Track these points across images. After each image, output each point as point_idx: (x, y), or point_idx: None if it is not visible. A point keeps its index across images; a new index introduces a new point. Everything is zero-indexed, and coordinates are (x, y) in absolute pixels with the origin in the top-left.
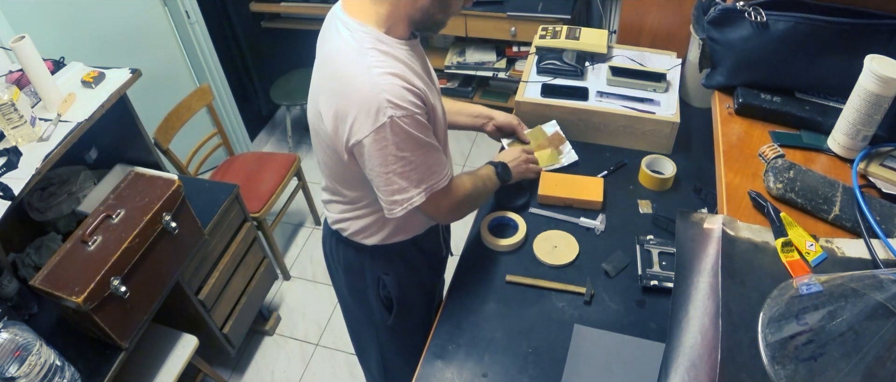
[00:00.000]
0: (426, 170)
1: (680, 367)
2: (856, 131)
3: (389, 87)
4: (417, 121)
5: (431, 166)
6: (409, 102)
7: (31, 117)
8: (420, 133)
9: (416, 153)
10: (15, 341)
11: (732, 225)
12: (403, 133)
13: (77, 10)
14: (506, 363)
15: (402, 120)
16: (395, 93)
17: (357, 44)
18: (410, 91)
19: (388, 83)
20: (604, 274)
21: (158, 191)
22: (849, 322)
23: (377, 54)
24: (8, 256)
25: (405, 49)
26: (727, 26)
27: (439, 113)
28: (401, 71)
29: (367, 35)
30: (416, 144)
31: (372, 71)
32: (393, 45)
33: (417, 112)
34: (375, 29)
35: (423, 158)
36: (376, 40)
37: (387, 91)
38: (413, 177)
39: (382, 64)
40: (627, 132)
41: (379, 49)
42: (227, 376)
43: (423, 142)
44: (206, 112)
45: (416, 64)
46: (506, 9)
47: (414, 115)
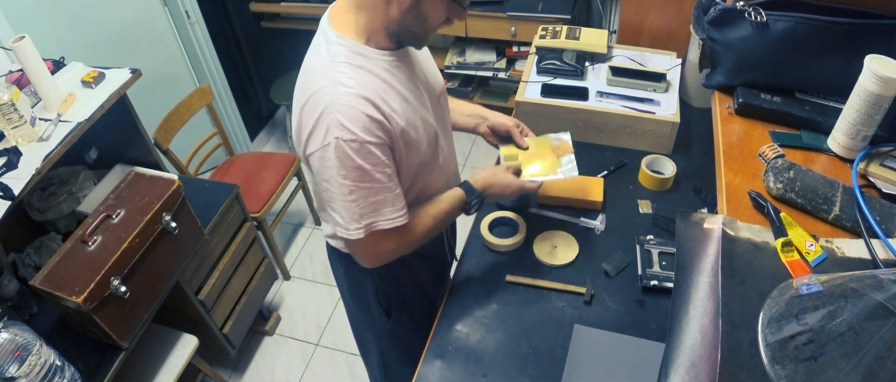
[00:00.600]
0: (368, 206)
1: (680, 367)
2: (856, 131)
3: (345, 109)
4: (368, 151)
5: (375, 204)
6: (363, 128)
7: (31, 117)
8: (367, 164)
9: (359, 185)
10: (15, 341)
11: (732, 225)
12: (347, 159)
13: (77, 10)
14: (506, 363)
15: (348, 144)
16: (349, 115)
17: (330, 57)
18: (370, 117)
19: (346, 103)
20: (604, 274)
21: (158, 191)
22: (849, 322)
23: (348, 69)
24: (8, 256)
25: (387, 61)
26: (727, 26)
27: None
28: (368, 91)
29: (343, 48)
30: (360, 175)
31: (335, 89)
32: (372, 57)
33: (370, 140)
34: (355, 40)
35: (365, 194)
36: (352, 53)
37: (342, 112)
38: (354, 209)
39: (349, 81)
40: (627, 132)
41: (352, 63)
42: (227, 376)
43: (370, 176)
44: (206, 112)
45: (397, 78)
46: (506, 9)
47: (364, 144)
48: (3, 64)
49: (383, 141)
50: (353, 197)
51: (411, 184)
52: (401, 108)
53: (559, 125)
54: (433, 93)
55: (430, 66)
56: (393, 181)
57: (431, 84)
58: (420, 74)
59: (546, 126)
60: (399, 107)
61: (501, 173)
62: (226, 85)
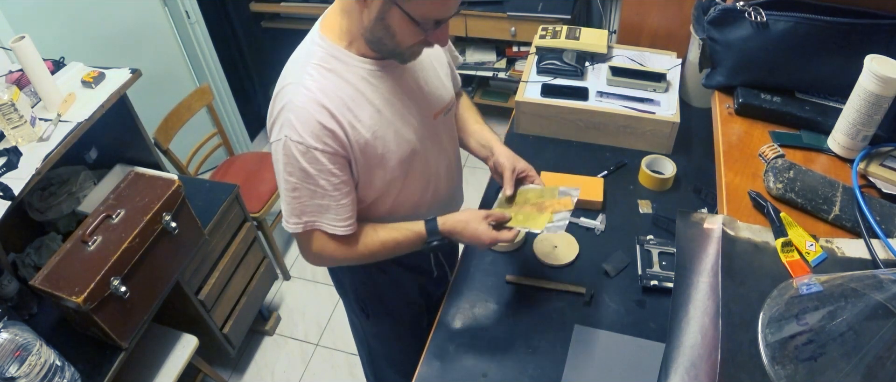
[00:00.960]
0: (310, 206)
1: (680, 367)
2: (856, 131)
3: (300, 111)
4: (313, 157)
5: (318, 207)
6: (311, 134)
7: (31, 117)
8: (312, 169)
9: (303, 185)
10: (15, 341)
11: (732, 225)
12: (292, 158)
13: (77, 10)
14: (506, 363)
15: (295, 145)
16: (301, 118)
17: (306, 57)
18: (321, 125)
19: (301, 106)
20: (604, 274)
21: (158, 191)
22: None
23: (318, 72)
24: (8, 256)
25: (366, 69)
26: (727, 26)
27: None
28: (328, 98)
29: (321, 49)
30: (304, 176)
31: (297, 88)
32: (349, 63)
33: (317, 147)
34: (336, 44)
35: (308, 194)
36: (328, 56)
37: (295, 113)
38: (295, 205)
39: (312, 85)
40: (627, 132)
41: (325, 66)
42: (227, 376)
43: (313, 180)
44: (206, 112)
45: (374, 88)
46: (506, 9)
47: (310, 149)
48: (3, 64)
49: (333, 150)
50: (295, 193)
51: (378, 199)
52: (369, 119)
53: (560, 125)
54: (430, 110)
55: (436, 81)
56: (339, 191)
57: (430, 100)
58: (414, 87)
59: (546, 126)
60: (367, 117)
61: (474, 222)
62: (226, 85)
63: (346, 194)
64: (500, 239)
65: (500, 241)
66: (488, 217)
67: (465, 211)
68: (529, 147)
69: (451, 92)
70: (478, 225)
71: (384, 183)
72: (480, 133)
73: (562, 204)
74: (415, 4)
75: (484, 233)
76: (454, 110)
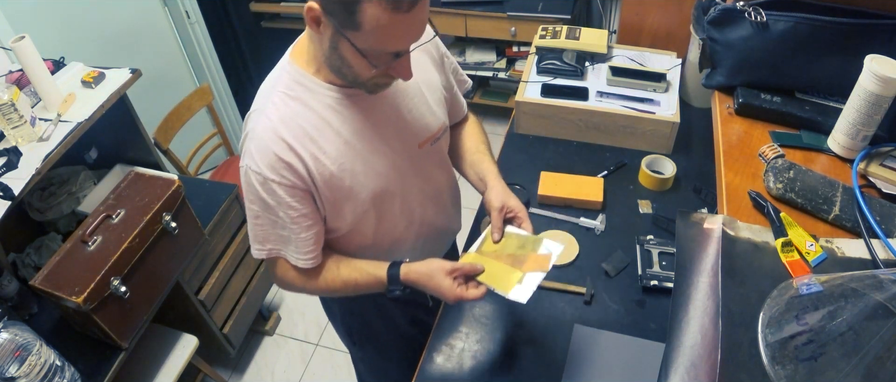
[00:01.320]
0: (273, 234)
1: (680, 367)
2: (856, 131)
3: (259, 141)
4: (270, 189)
5: (281, 237)
6: (268, 166)
7: (31, 117)
8: (271, 200)
9: (264, 214)
10: (15, 341)
11: (732, 225)
12: (252, 187)
13: (77, 10)
14: (506, 363)
15: (254, 175)
16: (259, 149)
17: (273, 83)
18: (278, 157)
19: (260, 136)
20: (604, 274)
21: (158, 191)
22: (849, 322)
23: (281, 99)
24: (8, 256)
25: (333, 96)
26: (727, 26)
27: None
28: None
29: (288, 75)
30: (264, 207)
31: (260, 116)
32: (315, 90)
33: (274, 179)
34: (304, 69)
35: (270, 223)
36: (293, 82)
37: (255, 143)
38: (258, 232)
39: (273, 114)
40: (627, 132)
41: (289, 93)
42: (227, 376)
43: (273, 211)
44: (206, 112)
45: (343, 117)
46: (506, 9)
47: (268, 181)
48: (3, 64)
49: (291, 183)
50: (258, 221)
51: (355, 231)
52: (334, 151)
53: (560, 125)
54: (414, 139)
55: (422, 108)
56: (298, 224)
57: (414, 129)
58: (392, 116)
59: (546, 126)
60: (333, 149)
61: (438, 276)
62: (226, 85)
63: (306, 228)
64: (466, 297)
65: (465, 300)
66: (454, 271)
67: (430, 261)
68: (529, 147)
69: (442, 119)
70: (441, 280)
71: (356, 216)
72: (479, 164)
73: (538, 264)
74: (362, 37)
75: (447, 290)
76: (445, 138)
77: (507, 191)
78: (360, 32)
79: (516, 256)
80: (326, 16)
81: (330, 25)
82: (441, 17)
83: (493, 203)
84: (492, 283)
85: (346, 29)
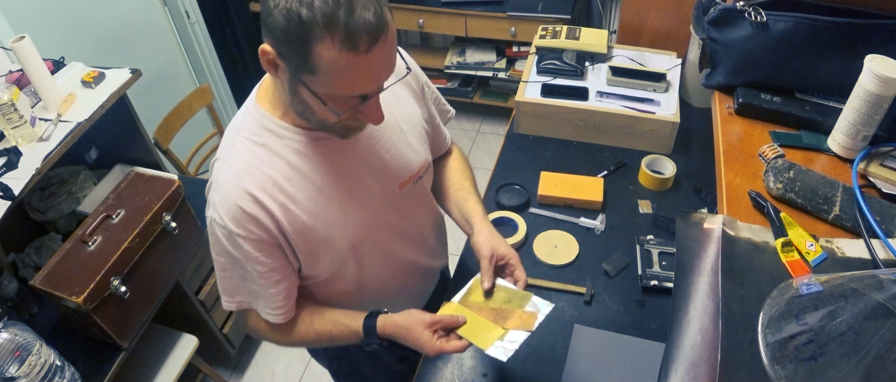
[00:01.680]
0: (242, 287)
1: (680, 367)
2: (856, 131)
3: (222, 192)
4: (236, 243)
5: (250, 290)
6: (233, 220)
7: (31, 117)
8: (238, 253)
9: (233, 267)
10: (15, 341)
11: (732, 225)
12: (218, 240)
13: (77, 10)
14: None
15: (219, 228)
16: (223, 201)
17: (237, 128)
18: (242, 210)
19: (223, 187)
20: (604, 274)
21: (158, 191)
22: (849, 322)
23: (247, 146)
24: (8, 256)
25: (302, 141)
26: (727, 26)
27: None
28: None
29: (252, 119)
30: (231, 260)
31: (224, 165)
32: (283, 135)
33: (239, 234)
34: (269, 112)
35: (238, 276)
36: (259, 127)
37: (219, 194)
38: (227, 285)
39: (240, 162)
40: (627, 132)
41: (255, 140)
42: (227, 376)
43: (241, 264)
44: (206, 112)
45: (313, 163)
46: (506, 9)
47: (233, 234)
48: (3, 64)
49: (257, 237)
50: (225, 274)
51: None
52: (306, 200)
53: (560, 125)
54: (394, 181)
55: (402, 147)
56: (267, 279)
57: (393, 169)
58: (369, 158)
59: (546, 126)
60: (305, 198)
61: (416, 330)
62: (226, 85)
63: (275, 282)
64: (446, 350)
65: (445, 352)
66: (434, 324)
67: (408, 313)
68: (529, 147)
69: (424, 156)
70: (420, 333)
71: (334, 265)
72: (464, 203)
73: (523, 322)
74: (319, 81)
75: (427, 344)
76: (428, 175)
77: (495, 236)
78: (317, 76)
79: (501, 311)
80: (281, 59)
81: (286, 69)
82: (441, 17)
83: (481, 250)
84: (472, 338)
85: (302, 73)
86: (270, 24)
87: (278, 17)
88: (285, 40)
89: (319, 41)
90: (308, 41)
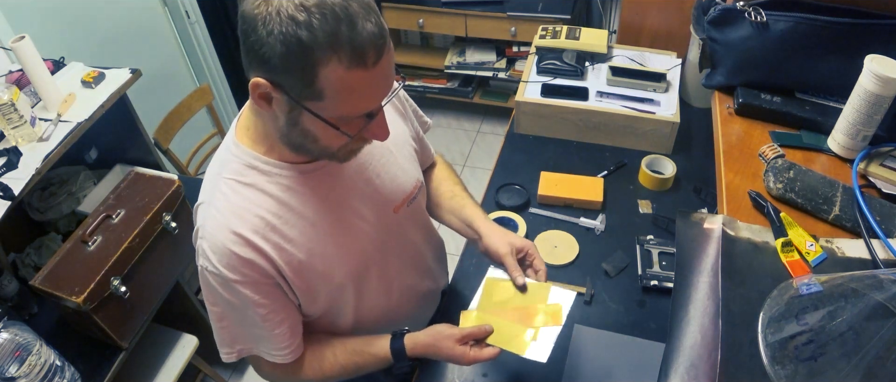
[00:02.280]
0: (241, 333)
1: (680, 367)
2: (856, 131)
3: (212, 239)
4: (233, 289)
5: (252, 335)
6: (227, 266)
7: (31, 117)
8: (235, 299)
9: (231, 314)
10: (15, 341)
11: (732, 225)
12: (212, 289)
13: (77, 10)
14: (506, 363)
15: (212, 276)
16: (214, 247)
17: (218, 169)
18: (236, 255)
19: (212, 233)
20: (604, 274)
21: (158, 191)
22: (849, 322)
23: (232, 187)
24: (8, 256)
25: (291, 176)
26: (727, 26)
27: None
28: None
29: (235, 158)
30: (228, 307)
31: (209, 210)
32: (270, 172)
33: (235, 279)
34: (252, 149)
35: (238, 322)
36: (244, 167)
37: (208, 240)
38: (225, 335)
39: (223, 206)
40: (627, 132)
41: (240, 180)
42: (227, 376)
43: (239, 310)
44: (206, 112)
45: (303, 198)
46: (506, 9)
47: (228, 281)
48: (3, 64)
49: (255, 280)
50: (223, 323)
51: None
52: (301, 237)
53: (560, 125)
54: (388, 205)
55: (393, 169)
56: (269, 322)
57: (386, 194)
58: (361, 185)
59: (546, 126)
60: (298, 235)
61: (446, 347)
62: (226, 85)
63: (278, 323)
64: (481, 359)
65: (480, 361)
66: (463, 338)
67: (435, 330)
68: (529, 147)
69: (415, 176)
70: (452, 349)
71: (331, 299)
72: (462, 209)
73: (551, 317)
74: (326, 106)
75: (461, 358)
76: (422, 194)
77: (506, 232)
78: (324, 101)
79: (525, 310)
80: (279, 91)
81: (284, 100)
82: (441, 17)
83: (501, 249)
84: (504, 345)
85: (307, 100)
86: (264, 54)
87: (274, 44)
88: (285, 68)
89: (325, 63)
90: (312, 65)
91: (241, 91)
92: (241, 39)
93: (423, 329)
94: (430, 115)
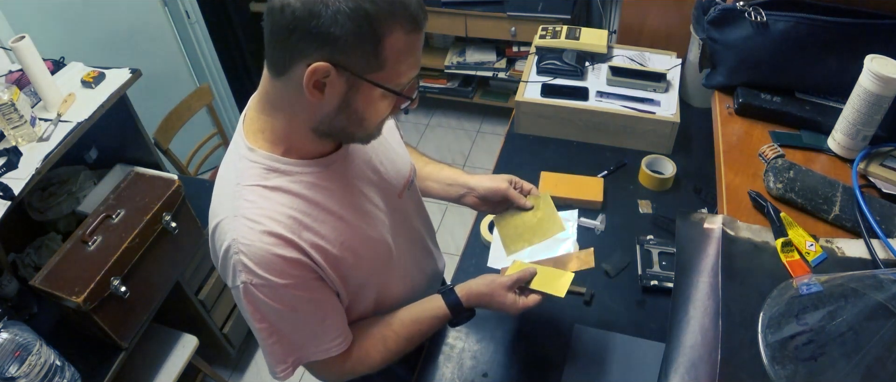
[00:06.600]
0: (293, 341)
1: (680, 367)
2: (856, 131)
3: (250, 249)
4: (281, 295)
5: (304, 337)
6: (274, 271)
7: (31, 117)
8: (284, 306)
9: (282, 324)
10: (15, 341)
11: (732, 225)
12: (259, 303)
13: (77, 10)
14: (506, 363)
15: (258, 289)
16: (255, 257)
17: (237, 177)
18: (281, 258)
19: (250, 242)
20: (604, 274)
21: (158, 191)
22: (849, 322)
23: (257, 195)
24: (8, 256)
25: (312, 172)
26: (727, 26)
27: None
28: (279, 225)
29: (255, 165)
30: (278, 317)
31: (237, 222)
32: (292, 173)
33: (284, 283)
34: (270, 152)
35: (290, 331)
36: (265, 171)
37: (246, 253)
38: (277, 349)
39: (255, 213)
40: (627, 132)
41: (265, 185)
42: (227, 376)
43: (288, 316)
44: (206, 112)
45: (328, 192)
46: (506, 9)
47: (278, 289)
48: (3, 64)
49: (304, 278)
50: (272, 339)
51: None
52: (332, 232)
53: (560, 125)
54: (394, 190)
55: (392, 155)
56: (321, 311)
57: (391, 179)
58: (371, 174)
59: (546, 126)
60: (330, 231)
61: (500, 294)
62: (226, 85)
63: (329, 312)
64: (528, 306)
65: (526, 309)
66: (514, 284)
67: (487, 278)
68: (529, 147)
69: (408, 159)
70: (505, 297)
71: (359, 285)
72: (438, 172)
73: (583, 261)
74: (387, 74)
75: (511, 306)
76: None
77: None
78: (385, 70)
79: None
80: (340, 70)
81: (342, 79)
82: (441, 17)
83: (500, 186)
84: (546, 288)
85: (369, 73)
86: (333, 33)
87: (344, 22)
88: (354, 44)
89: (390, 32)
90: (379, 36)
91: (241, 91)
92: (292, 29)
93: (473, 279)
94: (431, 115)
